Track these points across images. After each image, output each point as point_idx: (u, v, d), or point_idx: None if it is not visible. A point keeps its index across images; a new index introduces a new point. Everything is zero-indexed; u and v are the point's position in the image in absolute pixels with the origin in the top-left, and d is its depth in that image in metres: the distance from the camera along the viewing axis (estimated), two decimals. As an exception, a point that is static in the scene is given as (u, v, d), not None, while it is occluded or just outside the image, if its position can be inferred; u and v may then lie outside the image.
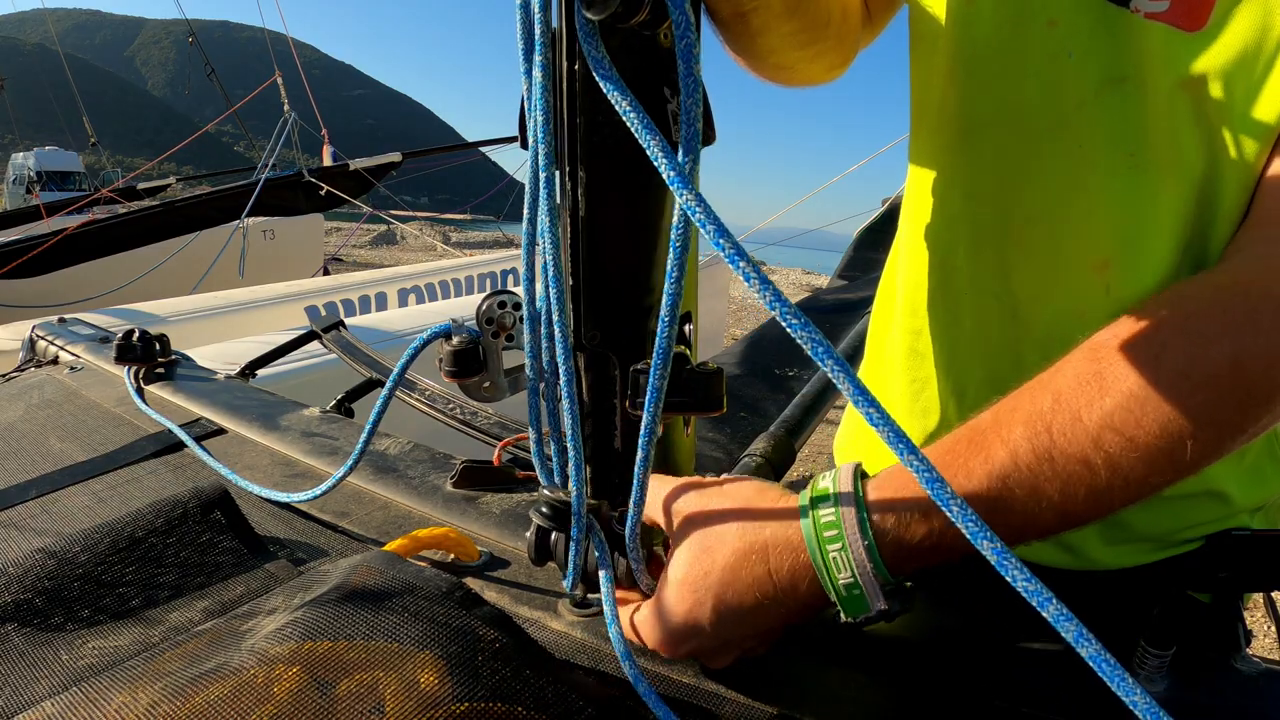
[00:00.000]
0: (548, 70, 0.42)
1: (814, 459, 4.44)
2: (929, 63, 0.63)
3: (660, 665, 0.52)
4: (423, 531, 0.62)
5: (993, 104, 0.58)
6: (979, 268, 0.61)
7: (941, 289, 0.65)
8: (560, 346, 0.47)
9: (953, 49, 0.60)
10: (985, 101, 0.58)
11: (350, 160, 6.72)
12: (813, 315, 2.02)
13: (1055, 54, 0.53)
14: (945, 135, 0.62)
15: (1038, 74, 0.54)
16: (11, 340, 2.58)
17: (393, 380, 0.61)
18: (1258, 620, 2.19)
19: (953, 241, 0.63)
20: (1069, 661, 0.51)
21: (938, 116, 0.63)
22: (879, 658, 0.52)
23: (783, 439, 1.22)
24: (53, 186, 18.08)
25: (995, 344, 0.61)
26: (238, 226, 5.98)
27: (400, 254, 15.57)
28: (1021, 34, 0.55)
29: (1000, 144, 0.58)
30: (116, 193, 7.93)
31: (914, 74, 0.67)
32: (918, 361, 0.68)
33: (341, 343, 1.25)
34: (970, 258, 0.61)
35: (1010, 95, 0.56)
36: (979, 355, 0.63)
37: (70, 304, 4.14)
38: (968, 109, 0.59)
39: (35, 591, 0.54)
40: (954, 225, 0.63)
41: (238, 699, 0.38)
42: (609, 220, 0.48)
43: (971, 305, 0.62)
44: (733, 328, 7.85)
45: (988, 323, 0.61)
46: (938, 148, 0.64)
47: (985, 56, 0.57)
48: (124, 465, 0.87)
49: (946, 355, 0.66)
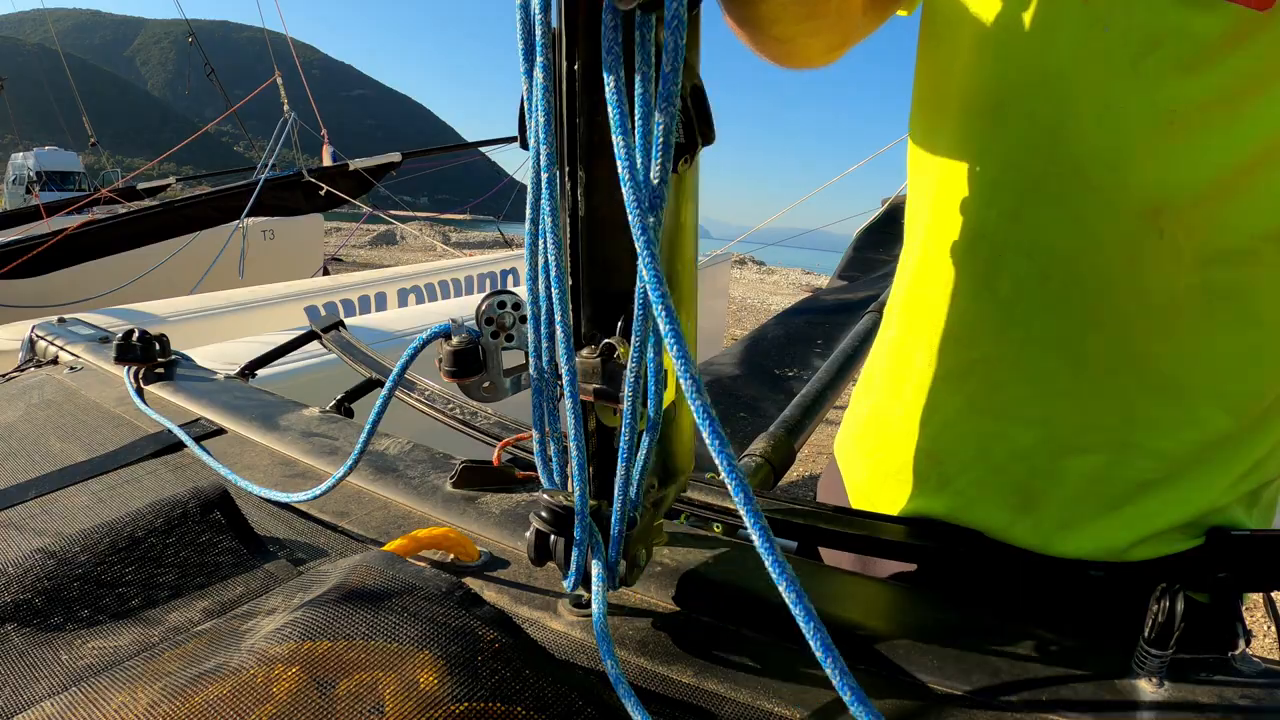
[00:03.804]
0: (548, 70, 0.42)
1: (814, 459, 4.44)
2: (951, 47, 0.65)
3: (660, 665, 0.52)
4: (422, 531, 0.62)
5: (1025, 74, 0.59)
6: (1020, 231, 0.62)
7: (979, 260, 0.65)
8: (562, 346, 0.47)
9: (979, 30, 0.61)
10: (1016, 73, 0.60)
11: (350, 160, 6.72)
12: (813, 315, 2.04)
13: (1089, 26, 0.55)
14: (975, 111, 0.64)
15: (1070, 45, 0.56)
16: (11, 340, 2.57)
17: (392, 380, 0.61)
18: (1258, 620, 2.20)
19: (988, 211, 0.64)
20: (1068, 661, 0.51)
21: (963, 96, 0.64)
22: (879, 657, 0.52)
23: (782, 439, 1.22)
24: (53, 186, 18.05)
25: (1038, 304, 0.62)
26: (237, 227, 5.97)
27: (400, 254, 15.56)
28: (1055, 9, 0.57)
29: (1036, 111, 0.59)
30: (116, 193, 7.92)
31: (931, 62, 0.69)
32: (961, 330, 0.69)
33: (341, 343, 1.25)
34: (1010, 223, 0.62)
35: (1045, 63, 0.58)
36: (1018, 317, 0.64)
37: (70, 304, 4.13)
38: (998, 83, 0.61)
39: (35, 591, 0.54)
40: (992, 194, 0.64)
41: (237, 699, 0.38)
42: (609, 220, 0.48)
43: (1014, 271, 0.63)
44: (732, 328, 7.85)
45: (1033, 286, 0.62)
46: (967, 124, 0.65)
47: (1016, 33, 0.59)
48: (124, 465, 0.87)
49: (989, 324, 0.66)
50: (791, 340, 2.37)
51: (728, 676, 0.51)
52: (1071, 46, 0.56)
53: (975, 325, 0.66)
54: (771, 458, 1.17)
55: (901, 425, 0.74)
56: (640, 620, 0.57)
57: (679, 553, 0.64)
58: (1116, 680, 0.49)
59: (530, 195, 0.46)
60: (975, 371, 0.67)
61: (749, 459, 1.17)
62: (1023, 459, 0.65)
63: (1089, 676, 0.49)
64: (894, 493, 0.75)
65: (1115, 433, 0.62)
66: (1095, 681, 0.49)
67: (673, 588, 0.60)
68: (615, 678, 0.45)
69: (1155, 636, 0.47)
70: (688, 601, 0.59)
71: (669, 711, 0.48)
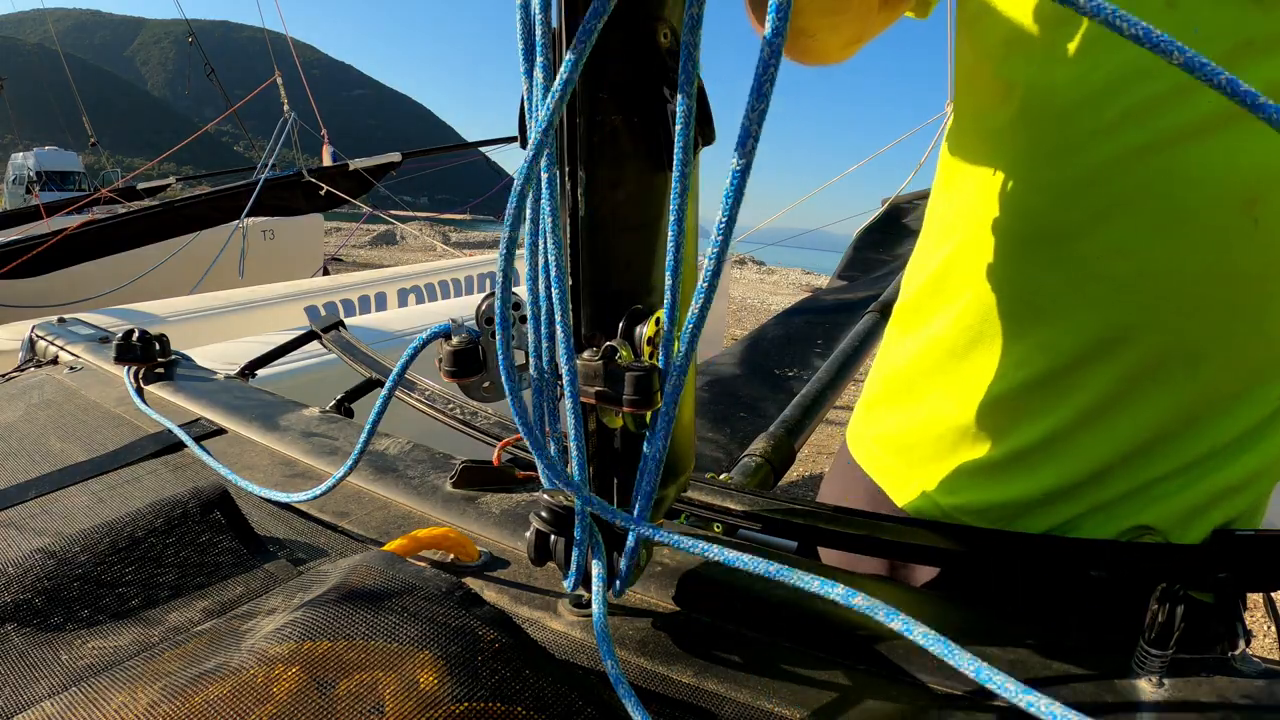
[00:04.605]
0: (548, 70, 0.42)
1: (814, 459, 4.44)
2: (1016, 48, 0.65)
3: (660, 665, 0.52)
4: (422, 531, 0.62)
5: (1110, 76, 0.60)
6: (1108, 231, 0.62)
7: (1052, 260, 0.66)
8: (563, 347, 0.47)
9: (1053, 33, 0.62)
10: (1100, 75, 0.60)
11: (350, 160, 6.71)
12: (813, 315, 2.05)
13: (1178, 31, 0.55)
14: (1051, 112, 0.64)
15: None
16: (11, 340, 2.57)
17: (392, 380, 0.61)
18: (1258, 620, 2.20)
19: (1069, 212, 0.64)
20: (1068, 661, 0.51)
21: (1036, 96, 0.64)
22: (879, 657, 0.52)
23: (782, 439, 1.22)
24: (53, 186, 18.05)
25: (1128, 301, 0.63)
26: (237, 226, 5.97)
27: (400, 254, 15.56)
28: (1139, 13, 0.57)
29: (1126, 110, 0.60)
30: (116, 193, 7.92)
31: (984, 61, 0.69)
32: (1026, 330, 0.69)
33: (341, 343, 1.25)
34: (1097, 223, 0.63)
35: (1130, 65, 0.59)
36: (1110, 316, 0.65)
37: (70, 304, 4.14)
38: (1079, 84, 0.61)
39: (35, 591, 0.54)
40: (1074, 195, 0.64)
41: (237, 699, 0.38)
42: (608, 220, 0.48)
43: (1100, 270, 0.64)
44: (733, 328, 7.86)
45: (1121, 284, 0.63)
46: (1037, 126, 0.65)
47: (1095, 37, 0.60)
48: (124, 465, 0.87)
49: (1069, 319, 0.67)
50: (791, 340, 2.37)
51: (728, 676, 0.51)
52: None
53: (1055, 320, 0.67)
54: (771, 458, 1.17)
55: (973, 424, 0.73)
56: (640, 620, 0.57)
57: (679, 553, 0.64)
58: (1116, 680, 0.49)
59: (528, 195, 0.46)
60: (1066, 370, 0.67)
61: (749, 459, 1.17)
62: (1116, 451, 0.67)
63: (1089, 676, 0.49)
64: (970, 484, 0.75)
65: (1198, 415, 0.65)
66: (1095, 681, 0.49)
67: (673, 588, 0.60)
68: (615, 678, 0.45)
69: (1155, 636, 0.47)
70: (687, 601, 0.59)
71: (669, 711, 0.48)
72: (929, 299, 0.78)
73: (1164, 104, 0.58)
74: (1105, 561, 0.63)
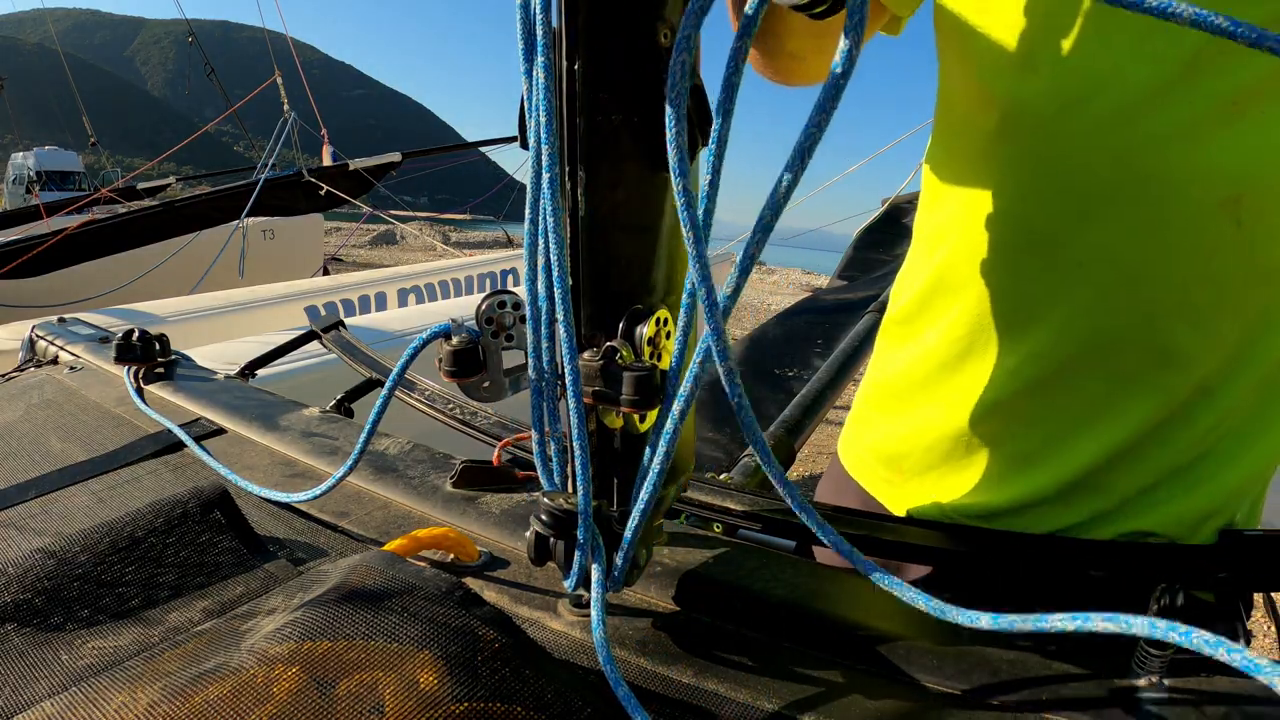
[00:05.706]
0: (548, 70, 0.42)
1: (814, 459, 4.45)
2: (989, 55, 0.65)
3: (660, 665, 0.52)
4: (422, 531, 0.62)
5: (1083, 78, 0.60)
6: (1090, 231, 0.63)
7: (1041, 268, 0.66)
8: (565, 347, 0.47)
9: (1028, 37, 0.62)
10: (1073, 79, 0.60)
11: (350, 160, 6.72)
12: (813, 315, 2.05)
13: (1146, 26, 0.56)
14: (1029, 117, 0.64)
15: (1129, 45, 0.57)
16: (11, 340, 2.58)
17: (392, 380, 0.61)
18: (1258, 620, 2.20)
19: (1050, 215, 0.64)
20: (1068, 661, 0.51)
21: (1012, 102, 0.64)
22: (879, 657, 0.52)
23: (782, 439, 1.22)
24: (53, 186, 18.06)
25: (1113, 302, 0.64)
26: (237, 226, 5.97)
27: (400, 254, 15.57)
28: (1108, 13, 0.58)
29: (1099, 112, 0.60)
30: (116, 193, 7.92)
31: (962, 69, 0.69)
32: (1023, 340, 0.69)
33: (341, 343, 1.25)
34: (1079, 223, 0.63)
35: (1101, 65, 0.59)
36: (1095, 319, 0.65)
37: (70, 304, 4.14)
38: (1054, 88, 0.61)
39: (35, 591, 0.54)
40: (1056, 198, 0.64)
41: (237, 699, 0.38)
42: (608, 220, 0.48)
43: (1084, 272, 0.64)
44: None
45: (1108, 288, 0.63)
46: (1016, 130, 0.65)
47: (1076, 36, 0.60)
48: (124, 465, 0.87)
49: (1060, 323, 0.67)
50: (791, 340, 2.37)
51: (727, 676, 0.51)
52: (1130, 46, 0.57)
53: (1046, 327, 0.67)
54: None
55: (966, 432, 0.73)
56: (640, 620, 0.57)
57: (679, 553, 0.64)
58: (1116, 680, 0.49)
59: (530, 195, 0.46)
60: (1057, 376, 0.67)
61: (749, 459, 1.17)
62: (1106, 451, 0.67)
63: (1089, 676, 0.49)
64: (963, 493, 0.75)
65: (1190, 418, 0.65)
66: (1095, 681, 0.49)
67: (672, 588, 0.60)
68: (615, 678, 0.45)
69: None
70: (687, 601, 0.59)
71: (669, 711, 0.48)
72: (918, 312, 0.79)
73: (1140, 109, 0.58)
74: (1106, 561, 0.63)
